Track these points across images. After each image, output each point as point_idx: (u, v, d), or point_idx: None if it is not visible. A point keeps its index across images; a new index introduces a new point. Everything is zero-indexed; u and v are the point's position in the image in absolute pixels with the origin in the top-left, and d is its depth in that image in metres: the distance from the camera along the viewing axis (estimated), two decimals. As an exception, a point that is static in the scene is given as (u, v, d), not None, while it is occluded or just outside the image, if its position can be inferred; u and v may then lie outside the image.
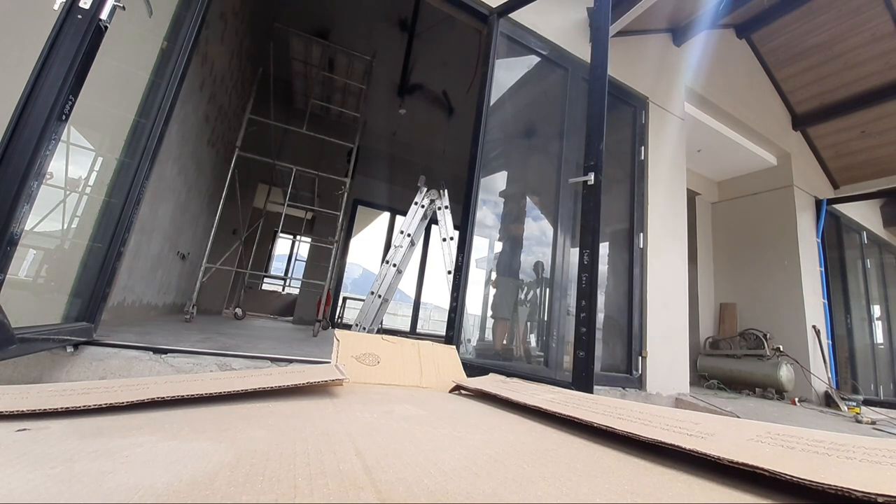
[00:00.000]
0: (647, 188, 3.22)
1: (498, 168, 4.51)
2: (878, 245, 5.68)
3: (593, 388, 1.61)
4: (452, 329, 2.19)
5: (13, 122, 1.01)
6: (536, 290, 3.45)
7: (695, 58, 3.86)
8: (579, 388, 1.58)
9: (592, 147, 1.87)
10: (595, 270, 1.69)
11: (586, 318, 1.67)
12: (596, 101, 1.92)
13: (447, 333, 2.23)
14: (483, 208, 3.48)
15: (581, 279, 1.72)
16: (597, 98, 1.92)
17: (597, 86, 1.94)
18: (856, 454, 0.44)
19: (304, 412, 0.71)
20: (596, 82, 1.95)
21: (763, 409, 3.11)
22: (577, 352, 1.69)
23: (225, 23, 3.61)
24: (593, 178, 1.81)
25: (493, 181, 4.67)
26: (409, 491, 0.39)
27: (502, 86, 3.33)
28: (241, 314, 5.01)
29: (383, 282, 3.54)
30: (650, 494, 0.42)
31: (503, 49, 2.74)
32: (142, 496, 0.35)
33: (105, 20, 1.17)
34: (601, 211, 1.78)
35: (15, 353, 1.03)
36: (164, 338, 1.94)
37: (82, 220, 1.91)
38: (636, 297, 3.00)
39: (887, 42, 3.88)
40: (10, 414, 0.58)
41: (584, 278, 1.71)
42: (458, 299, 2.24)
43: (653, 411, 0.73)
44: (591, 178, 1.81)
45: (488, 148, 2.66)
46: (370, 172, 7.04)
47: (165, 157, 2.90)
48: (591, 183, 1.81)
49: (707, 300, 5.07)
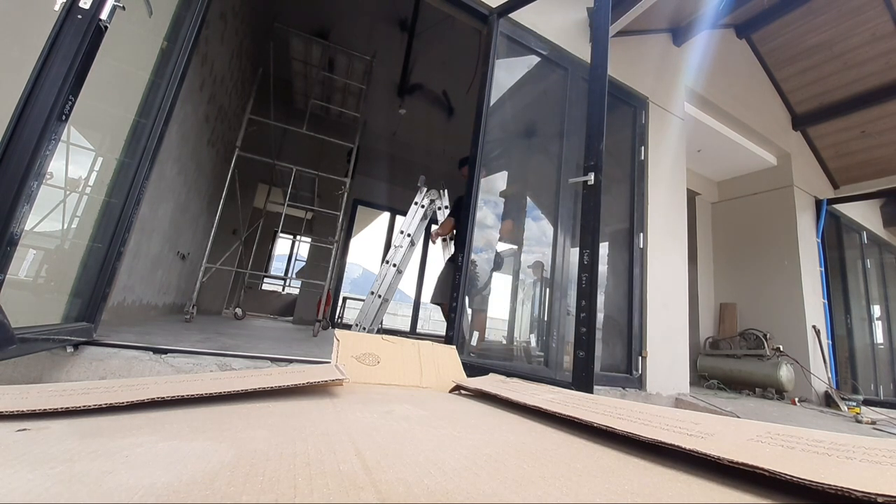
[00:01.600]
0: (647, 188, 3.22)
1: (498, 168, 4.51)
2: (878, 245, 5.68)
3: (593, 388, 1.61)
4: (452, 329, 2.19)
5: (13, 122, 1.01)
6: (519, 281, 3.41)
7: (695, 58, 3.86)
8: (579, 388, 1.58)
9: (592, 147, 1.87)
10: (595, 270, 1.69)
11: (586, 318, 1.66)
12: (596, 100, 1.92)
13: (447, 333, 2.23)
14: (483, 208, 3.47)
15: (581, 279, 1.72)
16: (597, 98, 1.92)
17: (597, 86, 1.94)
18: (856, 454, 0.44)
19: (304, 412, 0.71)
20: (596, 82, 1.95)
21: (763, 409, 3.11)
22: (577, 352, 1.68)
23: (225, 23, 3.61)
24: (593, 178, 1.80)
25: (493, 181, 4.67)
26: (409, 491, 0.39)
27: (502, 86, 3.33)
28: (241, 314, 5.01)
29: (383, 282, 3.54)
30: (650, 494, 0.42)
31: (503, 49, 2.74)
32: (142, 496, 0.35)
33: (105, 20, 1.17)
34: (602, 211, 1.78)
35: (15, 353, 1.03)
36: (164, 338, 1.94)
37: (82, 220, 1.91)
38: (636, 297, 3.00)
39: (887, 42, 3.88)
40: (10, 414, 0.58)
41: (584, 278, 1.71)
42: (457, 299, 2.24)
43: (653, 411, 0.73)
44: (591, 178, 1.81)
45: (488, 148, 2.66)
46: (370, 172, 7.04)
47: (165, 157, 2.90)
48: (591, 183, 1.81)
49: (707, 300, 5.07)
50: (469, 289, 3.02)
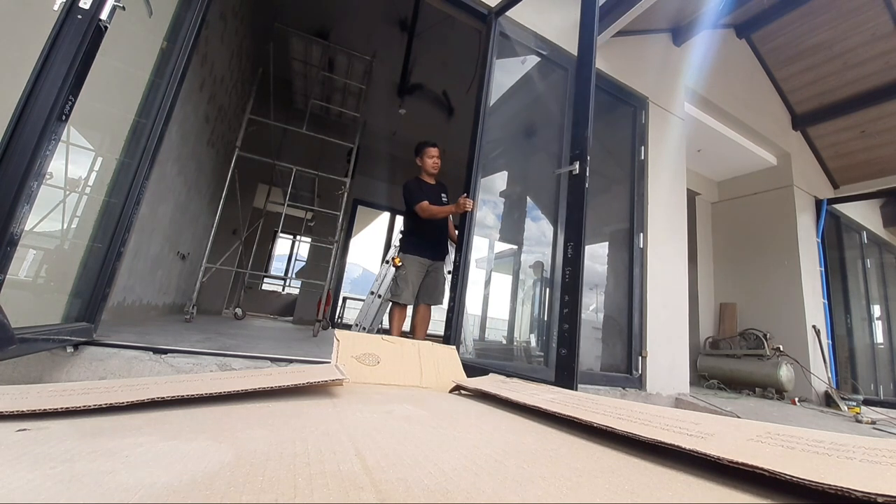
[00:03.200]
0: (647, 188, 3.22)
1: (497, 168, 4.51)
2: (878, 245, 5.68)
3: (577, 386, 1.53)
4: (451, 329, 2.19)
5: (13, 122, 1.01)
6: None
7: (695, 58, 3.86)
8: (562, 387, 1.54)
9: (578, 135, 1.78)
10: (579, 264, 1.61)
11: (569, 315, 1.59)
12: (582, 86, 1.83)
13: (446, 333, 2.23)
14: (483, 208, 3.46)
15: (564, 273, 1.65)
16: (583, 82, 1.83)
17: (584, 71, 1.84)
18: (856, 454, 0.44)
19: (304, 412, 0.71)
20: (583, 68, 1.86)
21: (763, 409, 3.11)
22: (559, 349, 1.62)
23: (225, 23, 3.61)
24: (578, 168, 1.72)
25: (492, 181, 4.67)
26: (409, 491, 0.39)
27: (502, 86, 3.33)
28: (241, 314, 5.01)
29: (383, 282, 3.53)
30: (650, 494, 0.42)
31: (502, 49, 2.74)
32: (142, 496, 0.35)
33: (105, 20, 1.17)
34: (602, 211, 1.76)
35: (15, 353, 1.03)
36: (164, 338, 1.94)
37: (82, 220, 1.91)
38: (636, 297, 3.00)
39: (887, 42, 3.88)
40: (11, 414, 0.58)
41: (567, 272, 1.64)
42: (456, 299, 2.24)
43: (653, 411, 0.73)
44: (576, 167, 1.73)
45: (488, 148, 2.66)
46: (370, 172, 7.03)
47: (165, 157, 2.90)
48: (575, 172, 1.72)
49: (707, 300, 5.07)
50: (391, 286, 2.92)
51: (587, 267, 1.72)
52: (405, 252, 2.82)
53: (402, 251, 2.84)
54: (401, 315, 2.81)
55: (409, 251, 2.82)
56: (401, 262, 2.80)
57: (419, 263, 2.83)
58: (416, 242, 2.86)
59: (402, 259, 2.80)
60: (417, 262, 2.82)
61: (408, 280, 2.76)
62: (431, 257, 2.88)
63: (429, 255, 2.86)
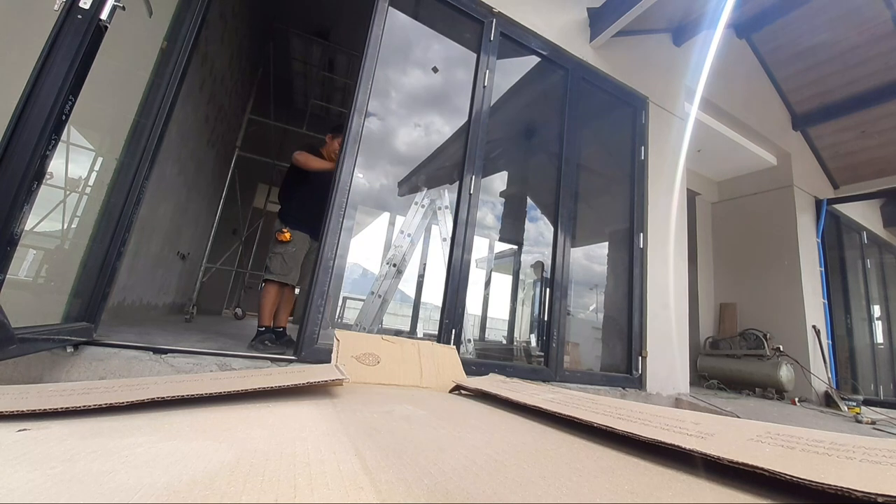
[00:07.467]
0: (647, 188, 3.22)
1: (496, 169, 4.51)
2: (878, 245, 5.68)
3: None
4: (442, 329, 2.19)
5: (13, 122, 1.01)
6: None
7: (695, 58, 3.85)
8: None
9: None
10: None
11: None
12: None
13: (439, 332, 2.22)
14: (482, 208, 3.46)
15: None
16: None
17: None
18: (856, 454, 0.44)
19: (305, 412, 0.71)
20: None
21: (763, 409, 3.11)
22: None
23: (225, 23, 3.61)
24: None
25: (492, 181, 4.67)
26: (409, 491, 0.39)
27: (501, 86, 3.32)
28: (241, 314, 5.01)
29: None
30: (650, 494, 0.42)
31: (502, 49, 2.74)
32: (142, 496, 0.35)
33: (105, 20, 1.17)
34: (602, 211, 1.77)
35: (15, 353, 1.03)
36: (164, 338, 1.94)
37: (82, 220, 1.91)
38: (636, 297, 3.00)
39: (887, 42, 3.87)
40: (11, 414, 0.58)
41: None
42: (447, 294, 2.23)
43: (652, 411, 0.73)
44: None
45: (488, 149, 2.66)
46: (370, 172, 7.03)
47: (165, 157, 2.90)
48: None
49: (707, 300, 5.06)
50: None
51: (586, 267, 1.72)
52: (290, 227, 2.52)
53: (287, 224, 2.53)
54: (278, 295, 2.52)
55: (295, 226, 2.53)
56: (291, 238, 2.50)
57: (308, 243, 2.59)
58: (297, 215, 2.56)
59: (292, 235, 2.51)
60: (307, 242, 2.58)
61: (297, 258, 2.52)
62: (313, 236, 2.57)
63: (312, 234, 2.57)
